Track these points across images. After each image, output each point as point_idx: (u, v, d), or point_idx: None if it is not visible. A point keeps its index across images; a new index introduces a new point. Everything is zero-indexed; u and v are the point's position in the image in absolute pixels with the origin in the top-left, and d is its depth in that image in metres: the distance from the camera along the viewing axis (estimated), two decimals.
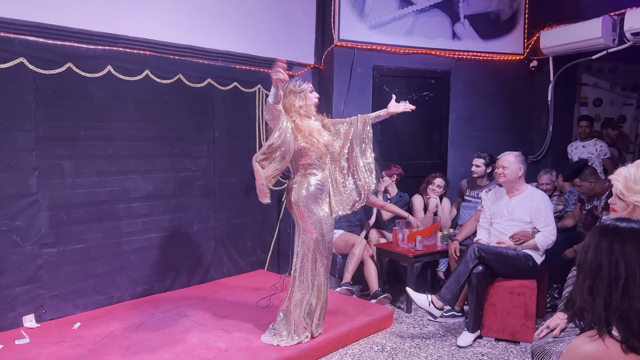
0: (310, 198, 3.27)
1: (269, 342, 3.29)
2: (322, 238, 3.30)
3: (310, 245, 3.27)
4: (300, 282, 3.30)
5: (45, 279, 3.58)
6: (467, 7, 5.70)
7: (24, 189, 3.43)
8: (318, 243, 3.28)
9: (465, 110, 5.87)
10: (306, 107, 3.29)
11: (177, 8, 4.29)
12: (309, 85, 3.34)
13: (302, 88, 3.28)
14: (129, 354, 3.09)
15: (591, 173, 4.30)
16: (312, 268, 3.30)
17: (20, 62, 3.36)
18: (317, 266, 3.31)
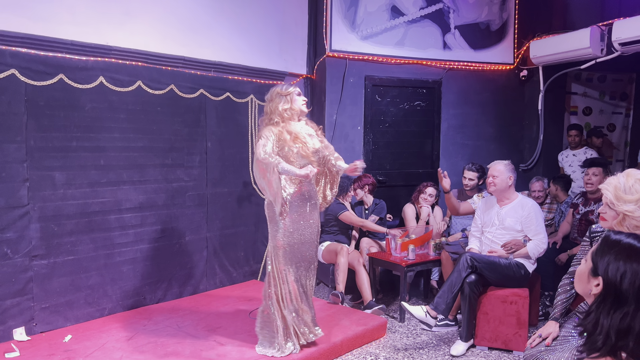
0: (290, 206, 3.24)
1: (263, 353, 3.27)
2: (297, 247, 3.26)
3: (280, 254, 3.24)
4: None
5: (35, 291, 3.54)
6: (457, 17, 5.76)
7: (15, 200, 3.41)
8: (288, 252, 3.24)
9: (457, 119, 5.92)
10: (291, 111, 3.27)
11: (169, 19, 4.31)
12: (296, 89, 3.34)
13: (289, 91, 3.29)
14: None
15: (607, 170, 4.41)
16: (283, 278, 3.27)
17: (12, 73, 3.35)
18: (288, 277, 3.27)
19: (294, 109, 3.29)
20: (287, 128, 3.24)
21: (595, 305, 1.42)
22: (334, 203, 4.87)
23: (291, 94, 3.29)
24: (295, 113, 3.31)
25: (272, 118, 3.25)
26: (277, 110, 3.25)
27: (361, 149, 5.55)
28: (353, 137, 5.52)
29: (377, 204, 5.01)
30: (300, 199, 3.30)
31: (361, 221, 4.77)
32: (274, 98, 3.29)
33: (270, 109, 3.28)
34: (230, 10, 4.78)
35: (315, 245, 3.40)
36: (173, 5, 4.34)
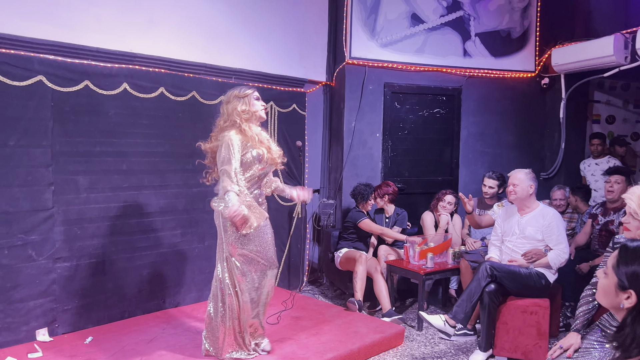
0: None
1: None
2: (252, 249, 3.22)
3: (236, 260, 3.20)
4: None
5: (58, 293, 3.61)
6: (478, 25, 5.74)
7: (40, 203, 3.49)
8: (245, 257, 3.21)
9: (477, 127, 5.88)
10: (249, 113, 3.21)
11: (192, 27, 4.38)
12: (254, 92, 3.29)
13: (246, 93, 3.23)
14: None
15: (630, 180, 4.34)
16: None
17: (39, 79, 3.44)
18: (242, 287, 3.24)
19: (251, 111, 3.23)
20: (253, 130, 3.20)
21: (630, 318, 1.38)
22: (353, 210, 4.87)
23: (248, 96, 3.24)
24: (253, 116, 3.25)
25: (231, 118, 3.18)
26: (235, 111, 3.18)
27: (379, 156, 5.55)
28: (372, 144, 5.52)
29: (399, 214, 4.98)
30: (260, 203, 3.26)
31: (381, 229, 4.76)
32: (231, 100, 3.23)
33: (228, 110, 3.21)
34: (251, 18, 4.84)
35: (273, 247, 3.36)
36: (196, 13, 4.41)
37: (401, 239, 4.69)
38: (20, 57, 3.38)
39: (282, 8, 5.12)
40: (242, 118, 3.18)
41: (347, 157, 5.44)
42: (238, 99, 3.22)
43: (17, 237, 3.39)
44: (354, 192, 4.96)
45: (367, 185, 4.93)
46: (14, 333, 3.42)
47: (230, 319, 3.23)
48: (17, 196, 3.38)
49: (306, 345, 3.52)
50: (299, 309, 4.29)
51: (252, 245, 3.21)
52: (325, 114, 5.77)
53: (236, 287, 3.21)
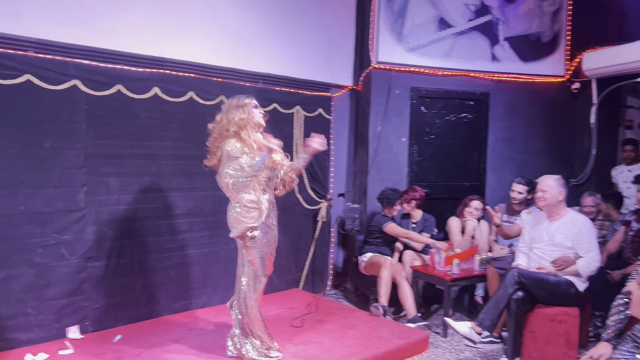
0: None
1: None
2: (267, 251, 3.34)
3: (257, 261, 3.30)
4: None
5: (89, 292, 3.71)
6: (507, 29, 5.68)
7: (73, 204, 3.59)
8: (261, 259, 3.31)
9: (505, 132, 5.81)
10: (247, 120, 3.24)
11: (221, 32, 4.45)
12: (252, 101, 3.32)
13: (245, 102, 3.27)
14: None
15: None
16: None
17: (74, 84, 3.55)
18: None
19: (250, 119, 3.27)
20: (252, 137, 3.25)
21: None
22: (378, 215, 4.86)
23: (247, 105, 3.28)
24: (251, 123, 3.28)
25: (229, 129, 3.22)
26: (233, 120, 3.22)
27: (405, 160, 5.52)
28: (397, 149, 5.51)
29: (427, 220, 4.94)
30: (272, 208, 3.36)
31: (406, 233, 4.73)
32: (230, 109, 3.27)
33: (227, 120, 3.25)
34: (279, 23, 4.90)
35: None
36: (225, 18, 4.48)
37: (427, 242, 4.65)
38: (57, 62, 3.49)
39: (310, 14, 5.16)
40: (239, 126, 3.22)
41: (373, 161, 5.43)
42: (237, 108, 3.26)
43: (50, 236, 3.49)
44: (381, 196, 4.95)
45: (395, 190, 4.91)
46: (46, 330, 3.52)
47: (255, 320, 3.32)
48: (51, 197, 3.48)
49: (330, 348, 3.53)
50: (323, 312, 4.30)
51: (267, 245, 3.34)
52: (350, 118, 5.79)
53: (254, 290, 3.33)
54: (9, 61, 3.28)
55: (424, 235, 4.79)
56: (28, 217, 3.39)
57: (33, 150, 3.39)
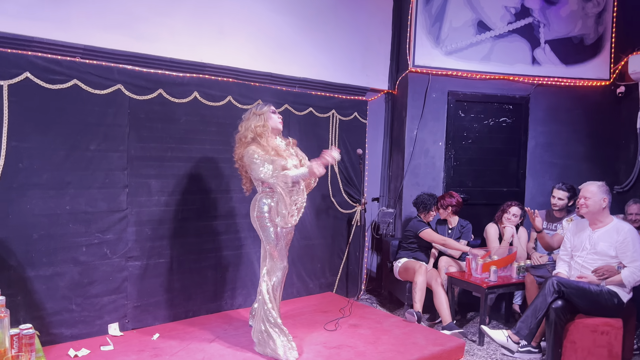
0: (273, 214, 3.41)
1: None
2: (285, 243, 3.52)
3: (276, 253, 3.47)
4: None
5: (129, 290, 3.81)
6: (548, 32, 5.55)
7: (116, 204, 3.70)
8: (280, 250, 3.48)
9: (545, 137, 5.67)
10: (263, 127, 3.42)
11: (259, 37, 4.52)
12: (270, 108, 3.51)
13: (263, 110, 3.47)
14: None
15: None
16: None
17: (118, 88, 3.67)
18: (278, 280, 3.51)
19: (267, 126, 3.44)
20: (269, 143, 3.40)
21: None
22: (414, 220, 4.82)
23: (265, 113, 3.46)
24: (268, 130, 3.45)
25: (247, 135, 3.42)
26: (250, 127, 3.42)
27: (442, 165, 5.47)
28: (434, 153, 5.45)
29: (464, 227, 4.86)
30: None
31: (443, 239, 4.67)
32: (249, 117, 3.48)
33: (245, 127, 3.46)
34: (316, 28, 4.93)
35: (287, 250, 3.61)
36: (263, 23, 4.55)
37: (464, 250, 4.59)
38: (102, 67, 3.62)
39: (347, 18, 5.18)
40: (256, 133, 3.41)
41: (408, 165, 5.40)
42: (255, 116, 3.47)
43: (94, 235, 3.62)
44: (417, 201, 4.91)
45: (431, 196, 4.86)
46: (89, 326, 3.64)
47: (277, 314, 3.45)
48: (95, 197, 3.61)
49: (364, 353, 3.52)
50: (357, 317, 4.29)
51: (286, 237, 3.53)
52: (386, 122, 5.77)
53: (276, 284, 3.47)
54: (58, 67, 3.42)
55: (461, 242, 4.72)
56: (74, 216, 3.52)
57: (79, 153, 3.52)
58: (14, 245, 3.30)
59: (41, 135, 3.37)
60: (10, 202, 3.28)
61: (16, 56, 3.29)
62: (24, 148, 3.31)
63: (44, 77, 3.36)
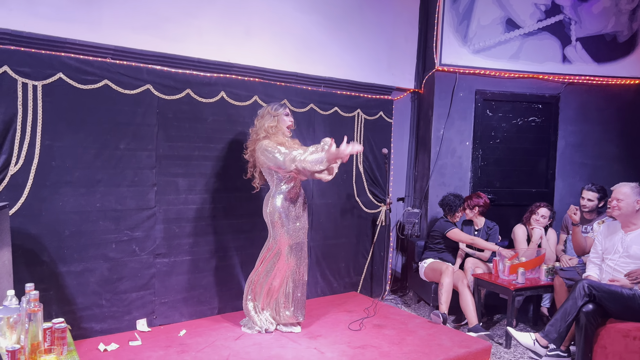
0: (284, 210, 3.68)
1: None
2: (298, 241, 3.75)
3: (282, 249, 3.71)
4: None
5: (157, 287, 3.88)
6: (579, 29, 5.43)
7: (144, 202, 3.77)
8: (291, 248, 3.72)
9: (576, 137, 5.55)
10: (275, 129, 3.70)
11: (285, 37, 4.54)
12: (285, 110, 3.77)
13: (278, 112, 3.73)
14: None
15: None
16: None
17: (147, 88, 3.73)
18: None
19: (279, 127, 3.72)
20: (277, 140, 3.65)
21: None
22: (441, 220, 4.78)
23: (279, 115, 3.73)
24: (279, 131, 3.72)
25: (259, 133, 3.70)
26: (263, 126, 3.69)
27: (469, 165, 5.40)
28: (461, 153, 5.39)
29: (491, 228, 4.78)
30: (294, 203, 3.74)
31: (471, 238, 4.61)
32: (264, 115, 3.74)
33: (259, 125, 3.73)
34: (342, 27, 4.93)
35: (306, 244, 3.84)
36: (289, 23, 4.56)
37: (492, 249, 4.52)
38: (132, 68, 3.69)
39: (372, 17, 5.16)
40: (268, 133, 3.68)
41: (434, 165, 5.35)
42: (270, 116, 3.73)
43: (123, 232, 3.69)
44: (442, 202, 4.86)
45: (457, 197, 4.81)
46: (118, 321, 3.71)
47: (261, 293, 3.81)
48: (125, 195, 3.68)
49: (388, 354, 3.50)
50: (381, 317, 4.27)
51: (294, 236, 3.72)
52: (412, 121, 5.73)
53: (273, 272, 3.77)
54: (89, 67, 3.50)
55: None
56: (103, 214, 3.60)
57: (109, 151, 3.60)
58: (47, 242, 3.40)
59: (73, 134, 3.45)
60: (43, 199, 3.37)
61: (50, 57, 3.38)
62: (56, 147, 3.40)
63: (76, 77, 3.44)
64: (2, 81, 3.18)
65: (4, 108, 3.19)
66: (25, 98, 3.26)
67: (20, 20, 3.35)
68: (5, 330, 2.26)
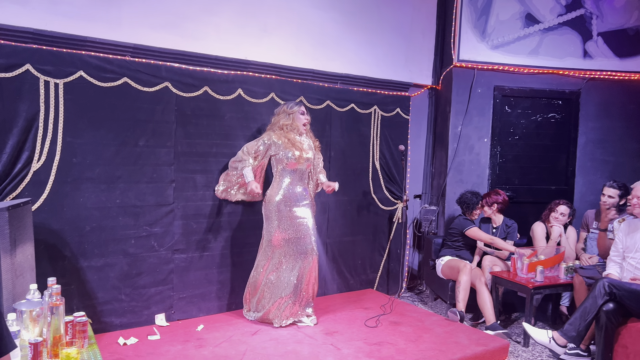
0: (283, 201, 3.85)
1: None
2: (289, 236, 3.86)
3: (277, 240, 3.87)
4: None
5: (175, 282, 3.93)
6: (601, 23, 5.33)
7: (163, 199, 3.82)
8: (286, 241, 3.85)
9: (597, 133, 5.46)
10: (290, 127, 3.92)
11: (302, 34, 4.55)
12: (300, 109, 3.94)
13: (293, 110, 3.93)
14: (245, 359, 3.28)
15: None
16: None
17: (165, 86, 3.77)
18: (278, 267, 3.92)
19: (294, 125, 3.92)
20: (286, 136, 3.88)
21: None
22: (460, 217, 4.74)
23: (294, 113, 3.92)
24: (294, 128, 3.93)
25: (274, 129, 3.93)
26: (278, 123, 3.92)
27: (487, 161, 5.35)
28: (479, 150, 5.35)
29: (510, 226, 4.73)
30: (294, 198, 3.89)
31: (491, 238, 4.57)
32: (280, 113, 3.95)
33: (274, 121, 3.96)
34: (358, 23, 4.92)
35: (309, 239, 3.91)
36: (306, 20, 4.57)
37: (511, 250, 4.48)
38: (150, 66, 3.73)
39: (389, 13, 5.14)
40: (283, 129, 3.92)
41: (452, 162, 5.31)
42: (285, 114, 3.93)
43: (142, 228, 3.74)
44: (460, 199, 4.82)
45: (475, 194, 4.76)
46: (137, 316, 3.77)
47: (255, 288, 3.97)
48: (144, 191, 3.73)
49: (404, 350, 3.50)
50: (398, 314, 4.27)
51: (290, 231, 3.84)
52: (429, 118, 5.69)
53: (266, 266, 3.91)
54: (109, 65, 3.55)
55: (508, 242, 4.61)
56: (123, 209, 3.65)
57: (129, 148, 3.65)
58: (68, 237, 3.46)
59: (93, 131, 3.51)
60: (65, 195, 3.43)
61: (71, 55, 3.43)
62: (77, 144, 3.45)
63: (96, 75, 3.49)
64: (24, 79, 3.24)
65: (26, 106, 3.25)
66: (47, 96, 3.32)
67: (42, 19, 3.42)
68: (28, 323, 2.31)
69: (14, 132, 3.21)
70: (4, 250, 2.52)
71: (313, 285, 3.96)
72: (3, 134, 3.18)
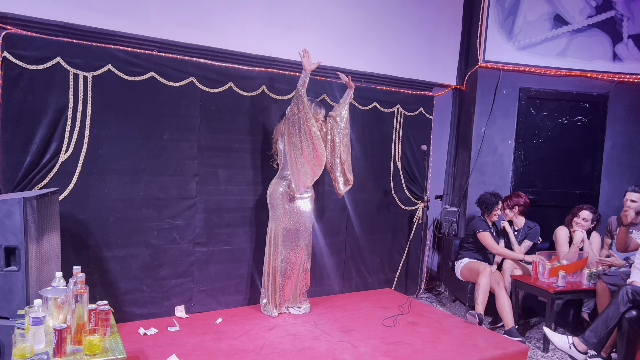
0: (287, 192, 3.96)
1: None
2: (292, 227, 4.00)
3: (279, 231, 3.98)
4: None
5: (195, 275, 3.98)
6: (632, 26, 5.22)
7: (186, 192, 3.87)
8: (287, 231, 3.99)
9: (625, 137, 5.35)
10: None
11: (326, 31, 4.55)
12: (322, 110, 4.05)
13: (316, 112, 3.99)
14: (263, 353, 3.31)
15: None
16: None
17: (191, 81, 3.82)
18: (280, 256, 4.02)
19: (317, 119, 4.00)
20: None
21: None
22: (477, 219, 4.70)
23: (318, 114, 4.01)
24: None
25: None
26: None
27: (510, 164, 5.29)
28: (502, 151, 5.28)
29: (531, 228, 4.65)
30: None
31: (496, 248, 4.51)
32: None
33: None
34: (383, 22, 4.90)
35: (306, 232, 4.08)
36: (331, 18, 4.57)
37: (519, 258, 4.42)
38: (177, 61, 3.78)
39: (415, 11, 5.11)
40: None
41: (475, 163, 5.26)
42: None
43: (165, 221, 3.80)
44: (479, 200, 4.77)
45: (494, 195, 4.70)
46: (157, 307, 3.83)
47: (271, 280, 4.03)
48: (167, 184, 3.78)
49: (422, 351, 3.49)
50: (416, 314, 4.25)
51: (292, 220, 3.98)
52: (453, 118, 5.64)
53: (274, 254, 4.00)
54: (137, 59, 3.61)
55: (526, 244, 4.55)
56: (147, 202, 3.71)
57: (154, 141, 3.70)
58: (93, 227, 3.53)
59: (119, 124, 3.57)
60: (91, 186, 3.50)
61: (100, 49, 3.50)
62: (104, 136, 3.52)
63: (124, 69, 3.55)
64: (54, 72, 3.31)
65: (56, 98, 3.33)
66: (76, 88, 3.39)
67: (73, 13, 3.49)
68: (53, 310, 2.37)
69: (43, 123, 3.29)
70: (31, 238, 2.59)
71: (304, 277, 4.14)
72: (33, 125, 3.26)
